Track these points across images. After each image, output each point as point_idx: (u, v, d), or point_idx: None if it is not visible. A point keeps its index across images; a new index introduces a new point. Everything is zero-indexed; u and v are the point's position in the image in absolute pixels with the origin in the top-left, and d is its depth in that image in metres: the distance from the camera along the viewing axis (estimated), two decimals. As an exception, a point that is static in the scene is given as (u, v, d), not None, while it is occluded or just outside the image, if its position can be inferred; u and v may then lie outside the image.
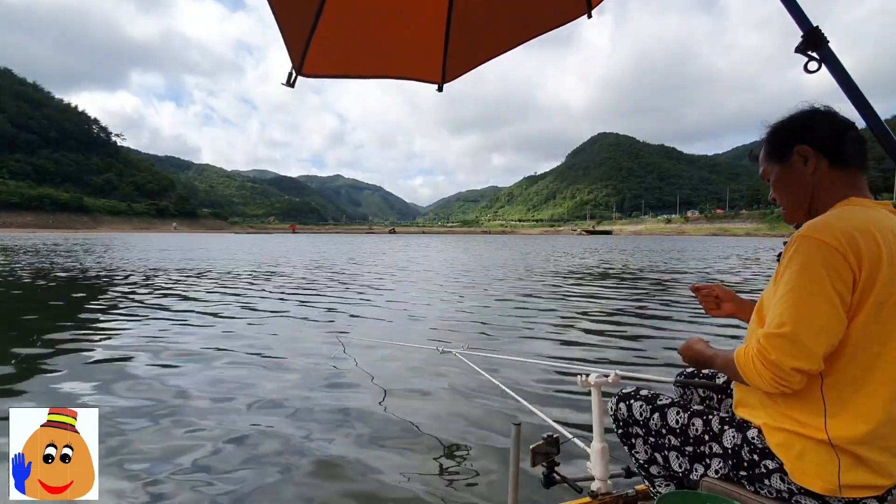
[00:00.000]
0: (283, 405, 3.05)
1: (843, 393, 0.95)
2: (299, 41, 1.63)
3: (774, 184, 1.14)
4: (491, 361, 3.76)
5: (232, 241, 47.15)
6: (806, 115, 1.08)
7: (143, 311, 6.52)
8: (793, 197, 1.11)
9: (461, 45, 1.92)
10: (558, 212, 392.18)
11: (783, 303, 0.93)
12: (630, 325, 5.90)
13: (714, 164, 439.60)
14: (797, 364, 0.90)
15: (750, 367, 0.96)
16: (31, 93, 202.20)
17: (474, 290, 9.39)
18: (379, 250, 28.08)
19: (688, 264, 17.41)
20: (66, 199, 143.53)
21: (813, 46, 1.08)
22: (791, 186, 1.10)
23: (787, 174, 1.10)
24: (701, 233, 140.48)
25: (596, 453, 1.51)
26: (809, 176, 1.06)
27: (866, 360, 0.93)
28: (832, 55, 1.07)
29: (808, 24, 1.09)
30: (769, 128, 1.14)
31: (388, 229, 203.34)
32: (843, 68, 1.06)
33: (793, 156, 1.08)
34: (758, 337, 0.95)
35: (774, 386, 0.93)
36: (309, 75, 1.73)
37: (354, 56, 1.87)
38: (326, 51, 1.72)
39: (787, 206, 1.13)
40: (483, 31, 1.94)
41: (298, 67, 1.67)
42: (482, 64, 2.03)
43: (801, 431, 0.97)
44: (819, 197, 1.06)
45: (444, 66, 1.98)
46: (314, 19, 1.60)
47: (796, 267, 0.93)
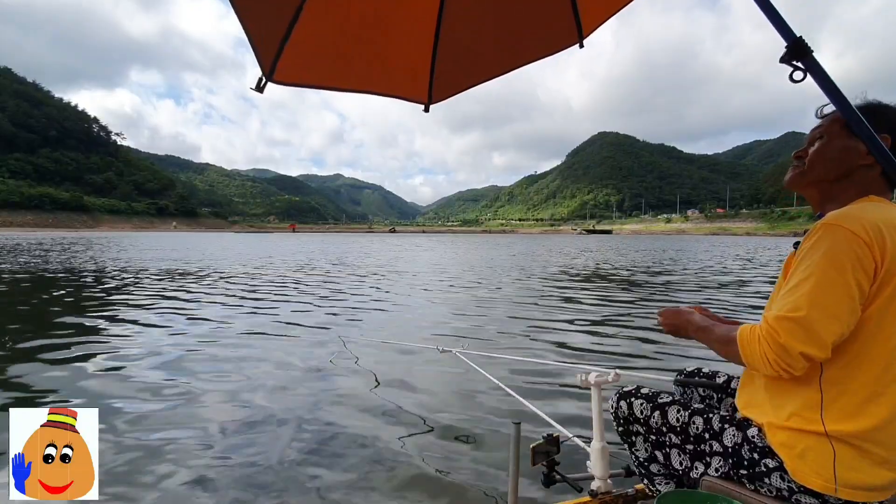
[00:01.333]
0: (283, 404, 3.05)
1: (850, 387, 0.94)
2: (270, 46, 1.53)
3: (822, 145, 1.08)
4: (491, 360, 3.75)
5: (232, 240, 47.13)
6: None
7: (143, 311, 6.52)
8: (828, 166, 1.07)
9: (449, 66, 1.88)
10: (559, 211, 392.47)
11: (800, 287, 0.92)
12: (630, 325, 5.89)
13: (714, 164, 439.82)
14: (806, 349, 0.90)
15: (754, 346, 0.95)
16: (31, 92, 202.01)
17: (474, 290, 9.39)
18: (379, 250, 28.08)
19: (685, 265, 17.42)
20: (66, 198, 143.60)
21: (797, 56, 1.10)
22: (837, 158, 1.06)
23: (847, 145, 1.04)
24: (701, 232, 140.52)
25: (596, 452, 1.51)
26: (860, 164, 1.03)
27: (877, 354, 0.93)
28: (817, 64, 1.09)
29: (791, 35, 1.11)
30: (874, 102, 1.08)
31: (388, 228, 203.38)
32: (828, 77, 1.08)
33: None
34: (767, 319, 0.94)
35: (776, 369, 0.93)
36: (281, 83, 1.62)
37: (334, 67, 1.76)
38: (302, 58, 1.62)
39: (814, 168, 1.09)
40: (472, 55, 1.90)
41: (268, 73, 1.57)
42: (471, 87, 1.98)
43: (804, 427, 0.97)
44: (846, 184, 1.05)
45: (431, 86, 1.93)
46: (288, 25, 1.50)
47: (819, 254, 0.92)
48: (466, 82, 1.97)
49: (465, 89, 1.99)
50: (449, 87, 1.96)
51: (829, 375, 0.95)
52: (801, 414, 0.98)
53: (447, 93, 1.98)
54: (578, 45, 1.78)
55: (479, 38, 1.86)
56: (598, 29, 1.78)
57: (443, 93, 1.97)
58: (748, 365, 0.99)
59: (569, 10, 1.72)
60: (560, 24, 1.76)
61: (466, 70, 1.95)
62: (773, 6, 1.16)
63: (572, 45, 1.79)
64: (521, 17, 1.77)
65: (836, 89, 1.07)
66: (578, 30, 1.75)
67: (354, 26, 1.67)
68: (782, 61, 1.11)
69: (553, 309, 7.07)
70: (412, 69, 1.88)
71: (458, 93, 2.00)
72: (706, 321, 1.15)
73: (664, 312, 1.24)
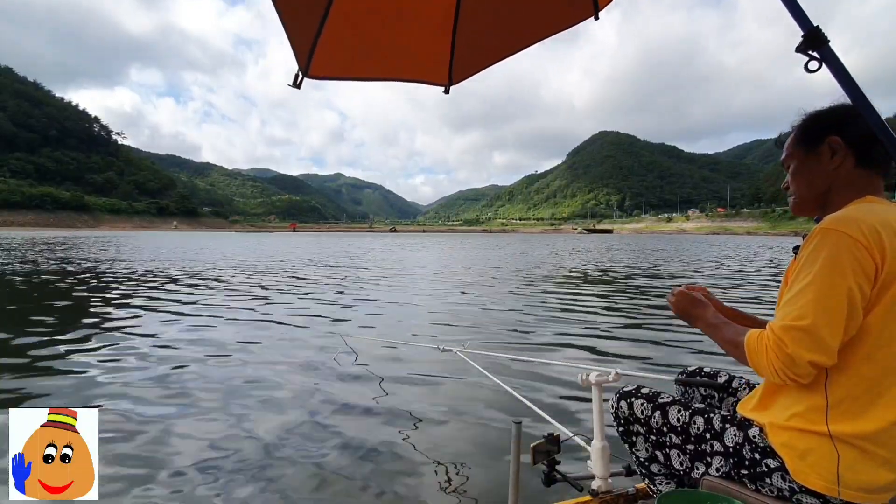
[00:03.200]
0: (283, 403, 3.05)
1: (852, 389, 0.94)
2: (305, 43, 1.61)
3: (794, 171, 1.13)
4: (491, 360, 3.75)
5: (232, 240, 47.13)
6: (845, 110, 1.08)
7: (144, 311, 6.52)
8: (810, 187, 1.10)
9: (468, 47, 1.92)
10: (559, 211, 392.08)
11: (803, 295, 0.92)
12: (631, 324, 5.89)
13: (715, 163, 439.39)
14: (813, 357, 0.90)
15: (762, 355, 0.95)
16: (31, 91, 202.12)
17: (475, 289, 9.38)
18: (379, 249, 28.08)
19: (689, 264, 17.39)
20: (67, 197, 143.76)
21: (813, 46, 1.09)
22: (811, 176, 1.10)
23: (811, 163, 1.09)
24: (702, 232, 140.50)
25: (596, 451, 1.51)
26: (832, 169, 1.06)
27: (881, 357, 0.93)
28: (833, 55, 1.08)
29: (808, 24, 1.10)
30: (805, 114, 1.13)
31: (389, 228, 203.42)
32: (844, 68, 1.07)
33: (823, 145, 1.07)
34: (773, 328, 0.94)
35: (783, 378, 0.93)
36: (315, 77, 1.71)
37: (361, 58, 1.85)
38: (332, 53, 1.70)
39: (802, 195, 1.12)
40: (490, 33, 1.93)
41: (305, 69, 1.66)
42: (489, 66, 2.02)
43: (805, 428, 0.97)
44: (836, 191, 1.06)
45: (451, 68, 1.97)
46: (320, 21, 1.58)
47: (819, 259, 0.92)
48: (485, 62, 2.00)
49: (483, 68, 2.03)
50: (468, 67, 2.00)
51: (832, 377, 0.95)
52: (803, 415, 0.98)
53: (467, 73, 2.02)
54: (594, 17, 1.77)
55: (497, 17, 1.88)
56: (596, 26, 1.80)
57: (462, 73, 2.01)
58: (756, 372, 0.99)
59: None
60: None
61: (484, 50, 1.97)
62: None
63: (588, 17, 1.78)
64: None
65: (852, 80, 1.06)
66: (594, 1, 1.74)
67: (377, 16, 1.74)
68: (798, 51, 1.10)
69: (554, 308, 7.06)
70: (433, 53, 1.92)
71: (477, 72, 2.03)
72: (717, 318, 1.13)
73: (679, 294, 1.22)
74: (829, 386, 0.96)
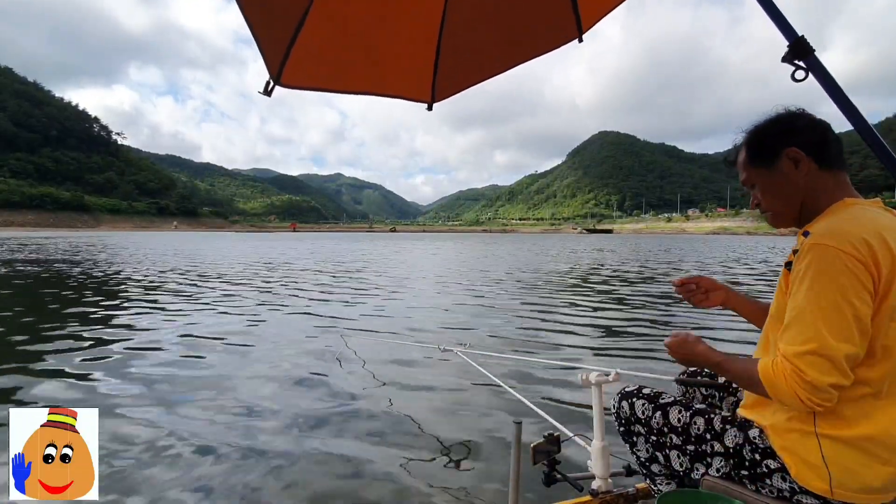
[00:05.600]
0: (283, 403, 3.05)
1: (853, 391, 0.93)
2: (277, 50, 1.55)
3: (763, 189, 1.10)
4: (492, 360, 3.75)
5: (232, 240, 47.13)
6: (788, 118, 1.06)
7: (144, 311, 6.53)
8: (785, 201, 1.07)
9: (451, 66, 1.90)
10: (559, 211, 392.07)
11: (807, 317, 0.90)
12: (631, 324, 5.89)
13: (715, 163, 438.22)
14: (833, 380, 0.88)
15: (782, 386, 0.91)
16: (31, 91, 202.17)
17: (475, 289, 9.38)
18: (380, 249, 28.08)
19: (690, 264, 17.39)
20: (67, 197, 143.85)
21: (799, 56, 1.09)
22: (782, 191, 1.07)
23: (777, 179, 1.07)
24: (702, 231, 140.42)
25: (597, 451, 1.51)
26: (802, 179, 1.04)
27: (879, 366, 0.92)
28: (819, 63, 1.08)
29: (793, 34, 1.11)
30: (749, 132, 1.11)
31: (389, 228, 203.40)
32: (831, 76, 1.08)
33: (781, 159, 1.05)
34: (786, 356, 0.92)
35: (812, 405, 0.90)
36: (288, 86, 1.64)
37: (339, 70, 1.79)
38: (308, 62, 1.64)
39: (778, 211, 1.10)
40: (473, 53, 1.91)
41: (276, 77, 1.59)
42: (473, 85, 2.00)
43: (806, 429, 0.97)
44: (811, 200, 1.04)
45: (434, 85, 1.95)
46: (295, 29, 1.52)
47: (816, 278, 0.90)
48: (468, 81, 1.99)
49: (466, 87, 2.01)
50: (451, 85, 1.98)
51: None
52: (803, 417, 0.98)
53: (450, 91, 2.00)
54: (578, 39, 1.80)
55: (481, 36, 1.87)
56: (601, 23, 1.80)
57: (445, 91, 1.99)
58: (781, 402, 0.96)
59: (568, 5, 1.73)
60: (559, 20, 1.77)
61: (468, 69, 1.96)
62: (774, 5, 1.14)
63: (572, 40, 1.81)
64: (522, 14, 1.78)
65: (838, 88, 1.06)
66: (578, 24, 1.76)
67: (359, 30, 1.69)
68: (784, 61, 1.10)
69: (554, 308, 7.06)
70: (415, 70, 1.90)
71: (460, 91, 2.02)
72: (716, 354, 1.10)
73: (671, 344, 1.19)
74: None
